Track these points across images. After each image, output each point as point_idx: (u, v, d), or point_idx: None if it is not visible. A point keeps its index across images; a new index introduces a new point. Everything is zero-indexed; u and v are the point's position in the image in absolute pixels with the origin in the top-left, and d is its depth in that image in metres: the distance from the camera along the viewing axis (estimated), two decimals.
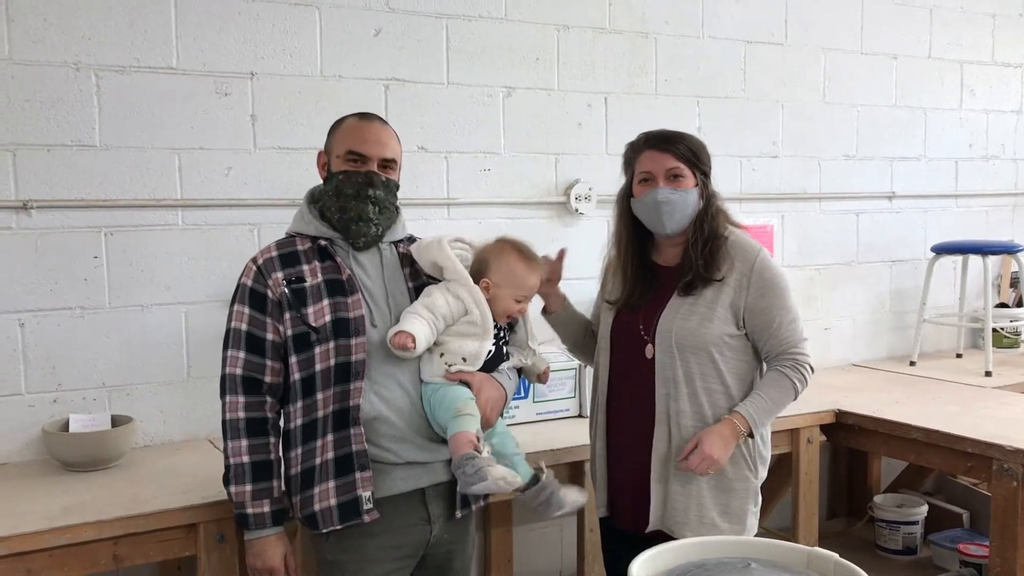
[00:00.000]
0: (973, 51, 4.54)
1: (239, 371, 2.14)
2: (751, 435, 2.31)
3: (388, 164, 2.23)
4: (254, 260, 2.19)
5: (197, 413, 2.98)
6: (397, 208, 2.28)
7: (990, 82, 4.62)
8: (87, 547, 2.26)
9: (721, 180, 3.81)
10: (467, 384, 2.15)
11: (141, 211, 2.88)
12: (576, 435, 2.99)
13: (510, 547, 3.53)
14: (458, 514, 2.25)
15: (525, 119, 3.48)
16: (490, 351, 2.19)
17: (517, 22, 3.44)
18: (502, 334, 2.25)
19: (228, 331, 2.17)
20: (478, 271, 2.21)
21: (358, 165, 2.18)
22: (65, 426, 2.71)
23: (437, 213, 3.35)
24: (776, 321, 2.33)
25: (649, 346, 2.37)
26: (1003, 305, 4.55)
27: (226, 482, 2.15)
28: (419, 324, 2.09)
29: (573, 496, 2.20)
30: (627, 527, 2.42)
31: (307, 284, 2.14)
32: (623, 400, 2.44)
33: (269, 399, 2.15)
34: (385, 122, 2.27)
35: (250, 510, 2.11)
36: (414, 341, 2.06)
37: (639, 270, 2.43)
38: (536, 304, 3.22)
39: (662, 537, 2.24)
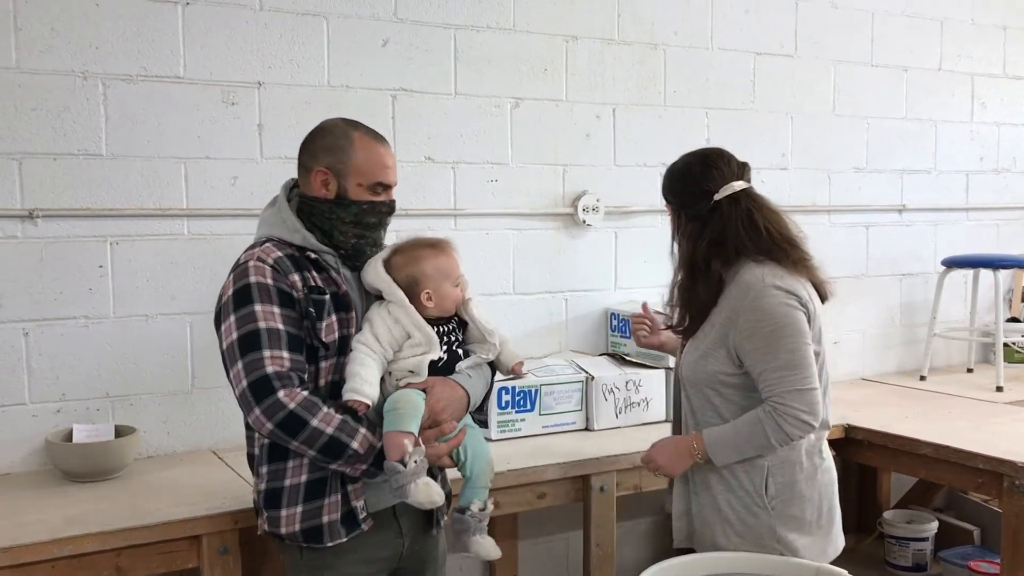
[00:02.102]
0: (984, 63, 4.52)
1: (287, 367, 1.98)
2: (709, 460, 2.27)
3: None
4: (260, 259, 2.04)
5: (201, 424, 2.97)
6: None
7: (1001, 95, 4.59)
8: (89, 558, 2.24)
9: None
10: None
11: (147, 220, 2.87)
12: (583, 448, 2.97)
13: (515, 560, 3.51)
14: (434, 532, 2.25)
15: (533, 130, 3.47)
16: (442, 358, 2.14)
17: (525, 33, 3.43)
18: (452, 337, 2.19)
19: (253, 333, 1.97)
20: (411, 286, 2.13)
21: (381, 194, 2.15)
22: (68, 436, 2.71)
23: (444, 224, 3.33)
24: (761, 367, 2.21)
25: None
26: (1014, 319, 4.51)
27: (338, 453, 1.98)
28: (372, 372, 2.04)
29: (484, 547, 2.16)
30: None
31: (327, 296, 2.06)
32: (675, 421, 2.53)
33: None
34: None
35: (381, 444, 2.02)
36: (367, 407, 2.02)
37: None
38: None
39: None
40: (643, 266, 3.68)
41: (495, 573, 3.48)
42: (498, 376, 2.34)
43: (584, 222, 3.57)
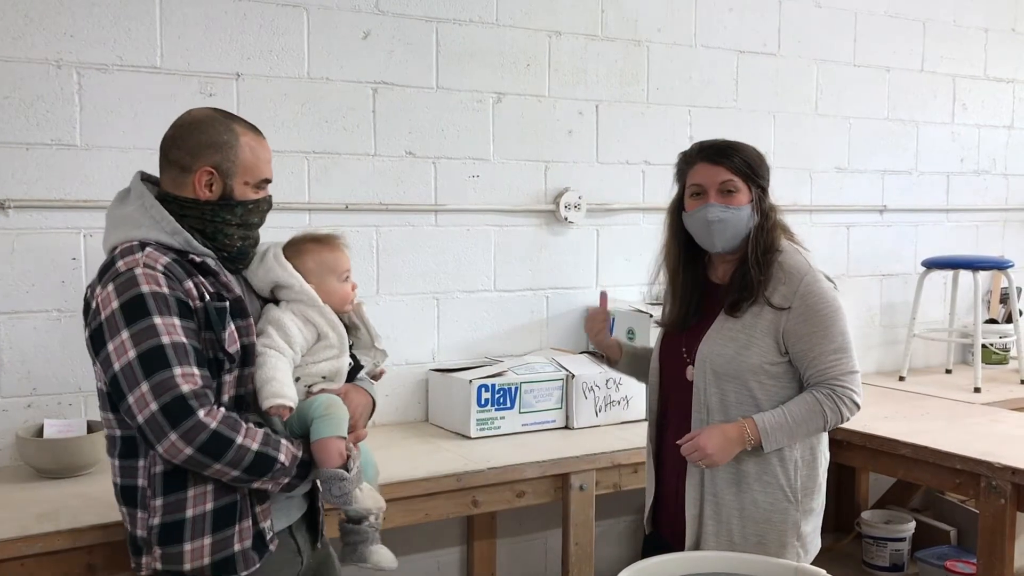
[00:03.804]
0: (966, 65, 4.53)
1: (201, 384, 1.80)
2: (761, 447, 2.22)
3: None
4: (148, 266, 1.83)
5: None
6: None
7: (982, 96, 4.61)
8: (61, 556, 2.21)
9: None
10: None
11: None
12: (562, 447, 2.96)
13: (493, 559, 3.49)
14: (319, 546, 2.17)
15: (515, 126, 3.45)
16: (350, 363, 2.08)
17: (508, 27, 3.41)
18: (350, 340, 2.11)
19: (156, 349, 1.77)
20: None
21: (262, 190, 2.01)
22: (39, 432, 2.66)
23: (424, 219, 3.31)
24: (816, 350, 2.21)
25: (689, 367, 2.30)
26: (992, 321, 4.53)
27: (265, 469, 1.85)
28: (289, 376, 1.94)
29: (380, 558, 2.10)
30: (667, 537, 2.39)
31: (226, 304, 1.90)
32: (669, 421, 2.39)
33: None
34: None
35: (301, 453, 1.92)
36: (291, 412, 1.93)
37: (691, 289, 2.34)
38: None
39: None
40: (625, 264, 3.67)
41: (473, 571, 3.47)
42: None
43: (566, 219, 3.55)
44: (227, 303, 1.91)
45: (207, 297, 1.88)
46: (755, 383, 2.24)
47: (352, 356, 2.10)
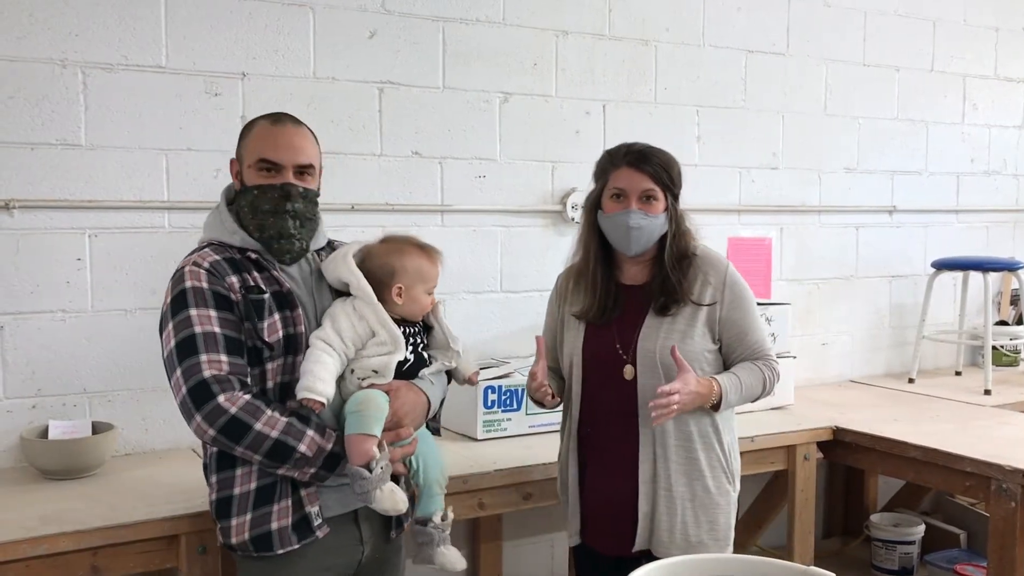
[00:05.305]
0: (976, 65, 4.51)
1: (226, 371, 1.93)
2: (716, 407, 2.27)
3: (305, 170, 2.06)
4: (196, 264, 2.00)
5: (180, 421, 2.81)
6: (319, 217, 2.16)
7: (992, 96, 4.58)
8: (65, 558, 2.20)
9: (719, 191, 3.83)
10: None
11: (127, 213, 2.82)
12: None
13: (500, 562, 3.48)
14: (392, 535, 2.20)
15: (522, 126, 3.43)
16: (408, 359, 2.09)
17: (515, 27, 3.39)
18: (418, 339, 2.14)
19: (189, 338, 1.92)
20: (385, 277, 2.08)
21: (272, 176, 2.03)
22: (44, 433, 2.65)
23: (431, 220, 3.29)
24: (749, 333, 2.35)
25: (628, 367, 2.31)
26: (1003, 323, 4.51)
27: (284, 457, 1.94)
28: (327, 370, 1.98)
29: (448, 559, 2.13)
30: (608, 551, 2.36)
31: (265, 296, 2.01)
32: (599, 423, 2.36)
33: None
34: (299, 122, 2.11)
35: (330, 446, 1.98)
36: (323, 406, 1.97)
37: (608, 283, 2.37)
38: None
39: (648, 558, 2.20)
40: None
41: (479, 574, 3.45)
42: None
43: (573, 219, 3.53)
44: (266, 295, 2.00)
45: (250, 292, 2.00)
46: (698, 370, 2.28)
47: (418, 354, 2.13)
